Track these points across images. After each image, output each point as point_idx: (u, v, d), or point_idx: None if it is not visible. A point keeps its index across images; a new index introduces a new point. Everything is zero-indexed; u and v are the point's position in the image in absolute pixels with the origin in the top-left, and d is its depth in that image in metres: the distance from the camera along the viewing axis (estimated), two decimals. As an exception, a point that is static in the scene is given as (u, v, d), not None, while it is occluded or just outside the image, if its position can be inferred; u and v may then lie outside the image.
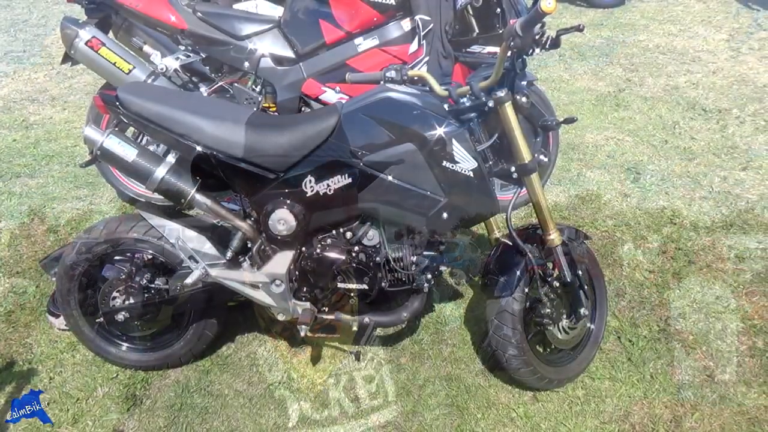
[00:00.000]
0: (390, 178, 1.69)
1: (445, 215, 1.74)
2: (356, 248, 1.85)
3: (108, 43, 2.55)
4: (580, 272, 1.92)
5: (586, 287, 1.97)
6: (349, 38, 2.54)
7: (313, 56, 2.57)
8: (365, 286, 1.85)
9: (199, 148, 1.71)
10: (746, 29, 5.33)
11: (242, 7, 2.82)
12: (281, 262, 1.84)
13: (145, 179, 1.76)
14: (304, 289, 1.91)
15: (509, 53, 1.62)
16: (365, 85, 1.93)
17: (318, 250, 1.84)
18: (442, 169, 1.68)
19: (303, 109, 2.65)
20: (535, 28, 1.55)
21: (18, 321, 2.32)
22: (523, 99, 1.70)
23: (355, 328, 1.96)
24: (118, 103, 1.73)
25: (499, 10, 2.42)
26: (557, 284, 1.90)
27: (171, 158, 1.77)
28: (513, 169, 1.75)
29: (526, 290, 1.87)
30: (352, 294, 1.87)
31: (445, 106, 1.72)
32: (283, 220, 1.77)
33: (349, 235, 1.85)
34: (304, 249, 1.88)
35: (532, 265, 1.84)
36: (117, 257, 1.99)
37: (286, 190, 1.76)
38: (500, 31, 2.41)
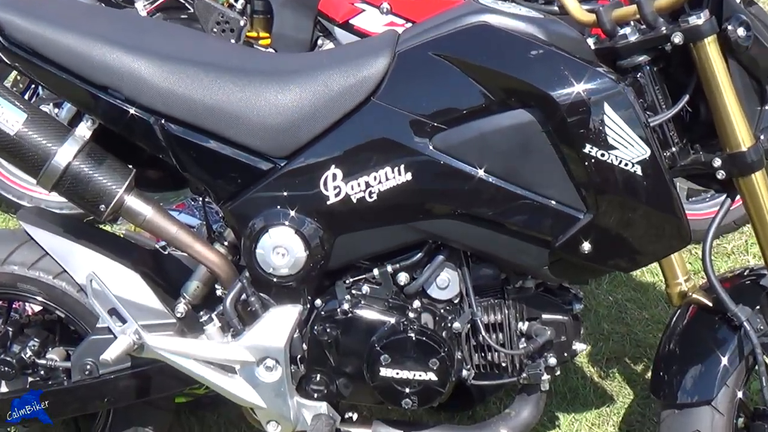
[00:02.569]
0: (482, 173, 1.70)
1: (586, 246, 1.72)
2: (416, 303, 1.85)
3: None
4: None
5: None
6: None
7: (341, -54, 2.61)
8: (432, 376, 1.84)
9: (132, 111, 1.75)
10: None
11: None
12: (277, 325, 1.86)
13: (36, 168, 1.79)
14: (318, 377, 1.92)
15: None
16: (438, 3, 1.94)
17: (346, 306, 1.85)
18: (583, 160, 1.67)
19: (320, 43, 2.68)
20: None
21: None
22: (740, 31, 1.69)
23: (410, 454, 1.95)
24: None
25: None
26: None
27: (84, 129, 1.80)
28: (717, 162, 1.75)
29: (740, 394, 1.85)
30: (406, 390, 1.86)
31: (590, 41, 1.71)
32: (283, 246, 1.78)
33: (403, 278, 1.85)
34: (319, 302, 1.89)
35: (753, 346, 1.80)
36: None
37: (290, 193, 1.78)
38: None
